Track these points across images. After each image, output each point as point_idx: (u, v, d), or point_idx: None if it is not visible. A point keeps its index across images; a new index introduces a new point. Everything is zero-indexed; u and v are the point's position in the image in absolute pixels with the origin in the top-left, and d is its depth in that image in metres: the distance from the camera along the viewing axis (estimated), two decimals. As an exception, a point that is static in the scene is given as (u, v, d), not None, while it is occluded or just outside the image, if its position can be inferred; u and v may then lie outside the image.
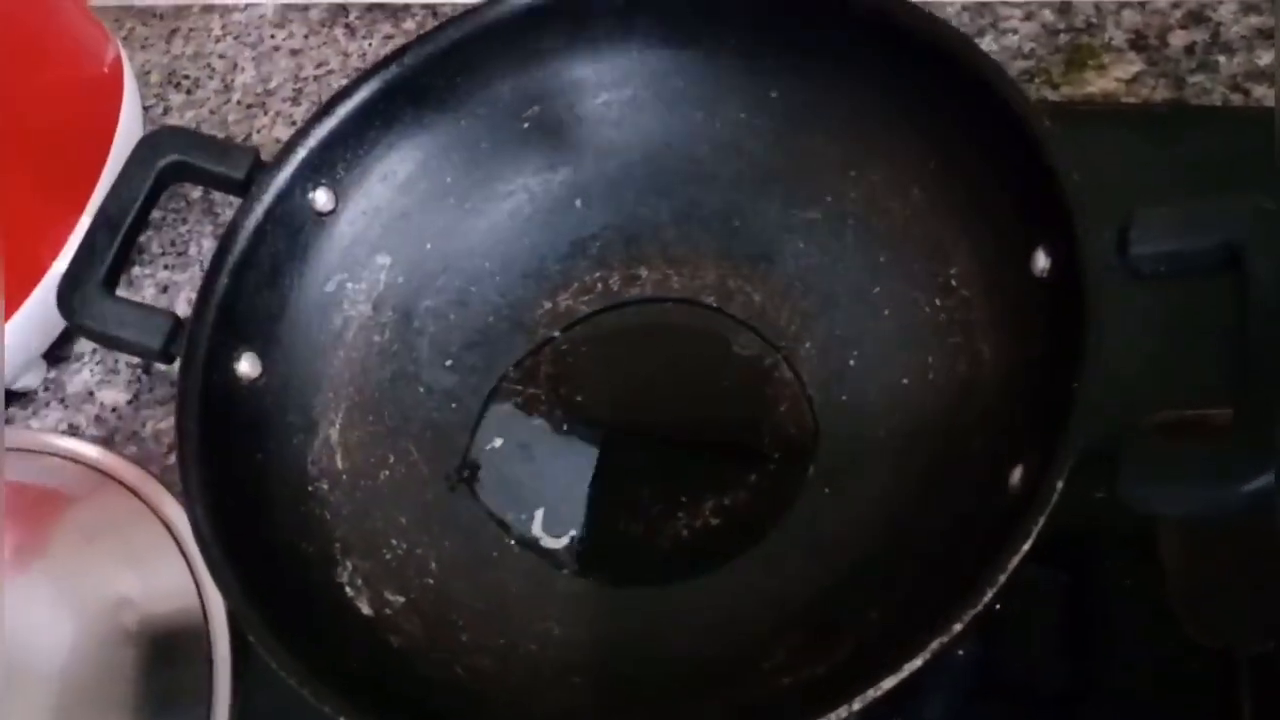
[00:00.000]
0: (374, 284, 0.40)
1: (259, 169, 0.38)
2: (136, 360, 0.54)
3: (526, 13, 0.39)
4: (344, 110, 0.39)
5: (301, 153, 0.38)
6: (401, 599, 0.34)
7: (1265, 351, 0.24)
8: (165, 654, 0.44)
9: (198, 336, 0.35)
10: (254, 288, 0.37)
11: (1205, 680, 0.34)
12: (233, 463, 0.34)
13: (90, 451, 0.51)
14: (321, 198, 0.39)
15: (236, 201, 0.56)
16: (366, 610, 0.33)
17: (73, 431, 0.53)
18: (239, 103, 0.62)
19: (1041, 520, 0.25)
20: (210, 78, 0.64)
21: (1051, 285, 0.30)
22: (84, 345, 0.55)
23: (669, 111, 0.40)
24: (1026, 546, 0.25)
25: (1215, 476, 0.24)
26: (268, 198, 0.37)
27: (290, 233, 0.38)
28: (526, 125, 0.41)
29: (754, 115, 0.39)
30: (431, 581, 0.35)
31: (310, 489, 0.36)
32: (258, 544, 0.32)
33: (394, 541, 0.36)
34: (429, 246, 0.41)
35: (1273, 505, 0.23)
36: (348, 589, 0.34)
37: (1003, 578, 0.24)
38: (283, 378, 0.37)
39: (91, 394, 0.54)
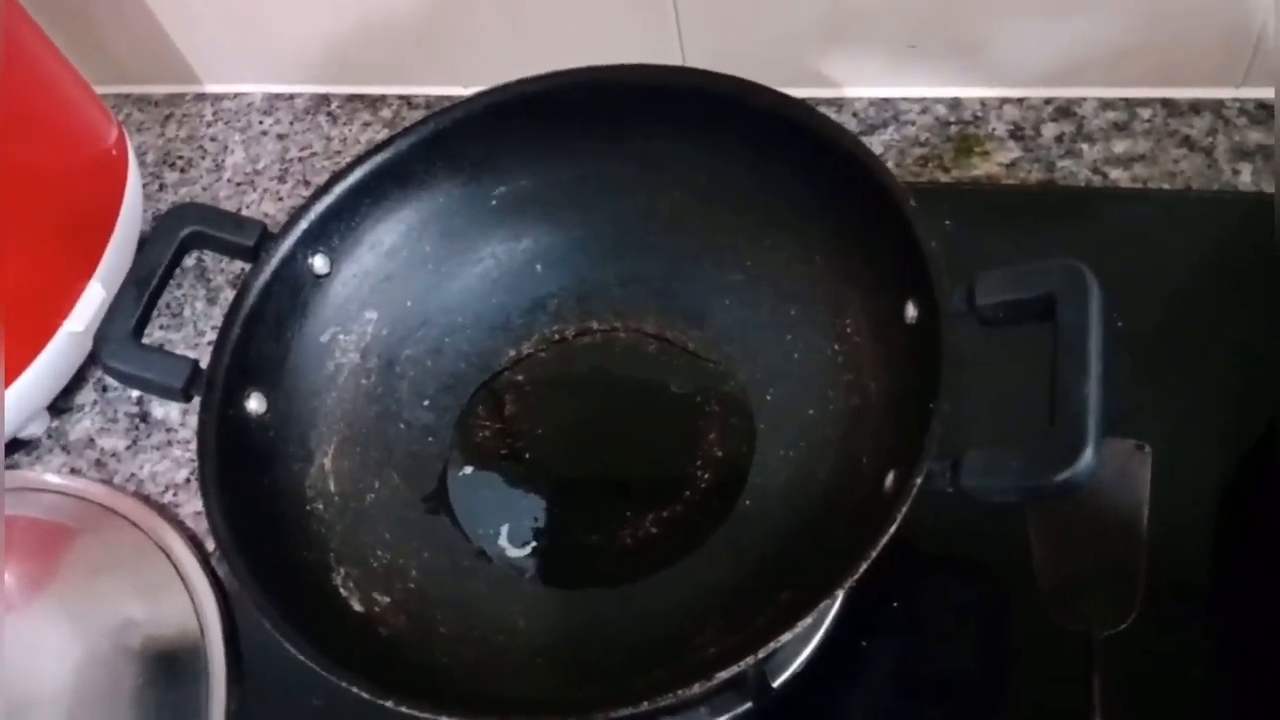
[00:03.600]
0: (362, 335, 0.47)
1: (266, 238, 0.44)
2: (134, 410, 0.59)
3: (493, 110, 0.46)
4: (340, 189, 0.46)
5: (303, 224, 0.45)
6: (388, 599, 0.40)
7: (1069, 377, 0.32)
8: (166, 671, 0.48)
9: (215, 377, 0.41)
10: (261, 338, 0.43)
11: (1066, 661, 0.41)
12: (245, 486, 0.40)
13: (95, 489, 0.56)
14: (319, 262, 0.46)
15: (225, 270, 0.63)
16: (359, 608, 0.39)
17: (75, 474, 0.58)
18: (229, 180, 0.69)
19: (904, 509, 0.32)
20: (203, 158, 0.70)
21: (919, 330, 0.37)
22: (85, 397, 0.61)
23: (617, 193, 0.47)
24: (893, 529, 0.31)
25: (1034, 469, 0.31)
26: (274, 262, 0.44)
27: (292, 291, 0.45)
28: (494, 203, 0.48)
29: (688, 196, 0.47)
30: (413, 586, 0.41)
31: (308, 508, 0.42)
32: (268, 555, 0.38)
33: (379, 552, 0.42)
34: (409, 304, 0.48)
35: (1078, 490, 0.30)
36: (342, 590, 0.40)
37: (874, 553, 0.31)
38: (284, 414, 0.43)
39: (92, 440, 0.59)
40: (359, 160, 0.46)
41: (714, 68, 0.45)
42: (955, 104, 0.60)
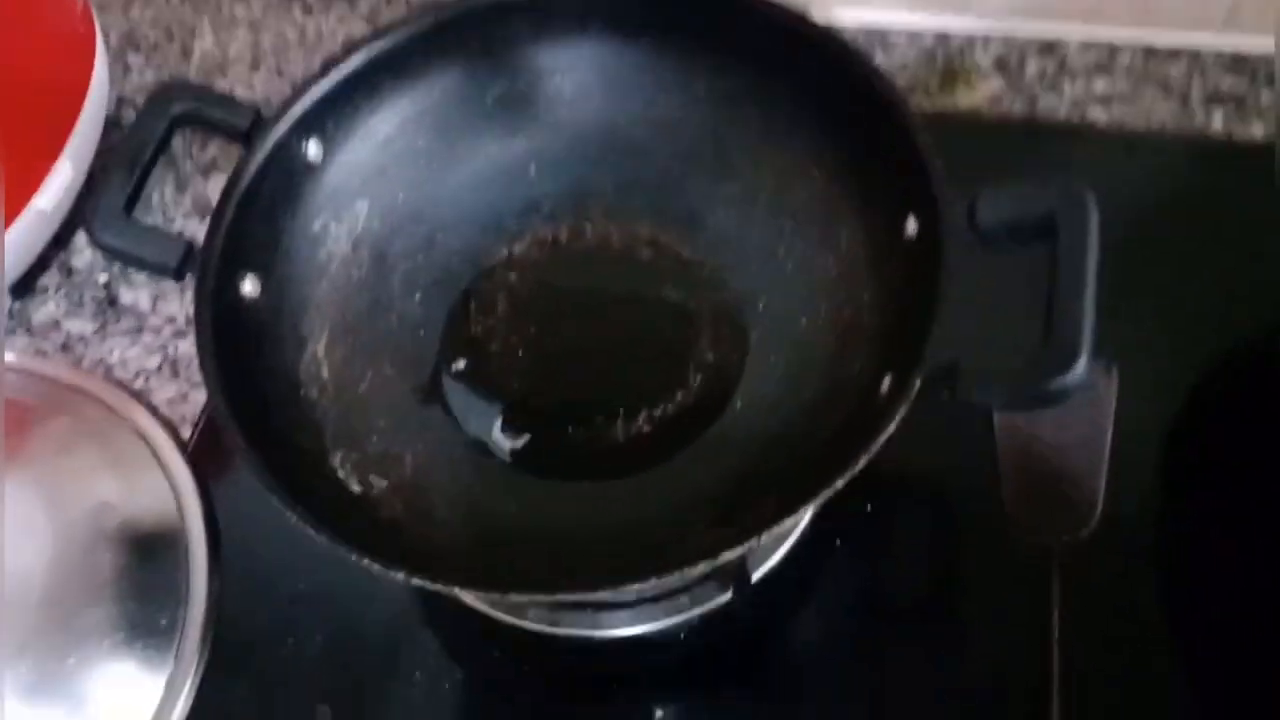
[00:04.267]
0: (354, 226, 0.46)
1: (260, 122, 0.43)
2: (101, 295, 0.58)
3: (496, 5, 0.46)
4: (335, 75, 0.45)
5: (298, 110, 0.44)
6: (385, 483, 0.40)
7: (1067, 293, 0.33)
8: (144, 553, 0.48)
9: (210, 258, 0.40)
10: (254, 222, 0.43)
11: (1028, 568, 0.43)
12: (240, 367, 0.40)
13: (59, 369, 0.54)
14: (312, 149, 0.45)
15: (196, 158, 0.62)
16: (356, 489, 0.40)
17: (39, 357, 0.57)
18: (198, 67, 0.67)
19: (903, 410, 0.33)
20: (169, 41, 0.68)
21: (918, 245, 0.38)
22: (49, 279, 0.59)
23: (615, 96, 0.47)
24: (892, 428, 0.33)
25: (1031, 376, 0.32)
26: (269, 146, 0.43)
27: (285, 177, 0.44)
28: (491, 100, 0.48)
29: (687, 104, 0.47)
30: (409, 473, 0.41)
31: (302, 394, 0.42)
32: (265, 435, 0.38)
33: (375, 439, 0.42)
34: (402, 197, 0.47)
35: (1068, 397, 0.32)
36: (339, 472, 0.40)
37: (873, 451, 0.33)
38: (277, 299, 0.43)
39: (58, 324, 0.58)
40: (355, 47, 0.45)
41: None
42: (943, 35, 0.61)
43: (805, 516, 0.35)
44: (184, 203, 0.61)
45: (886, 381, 0.36)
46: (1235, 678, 0.41)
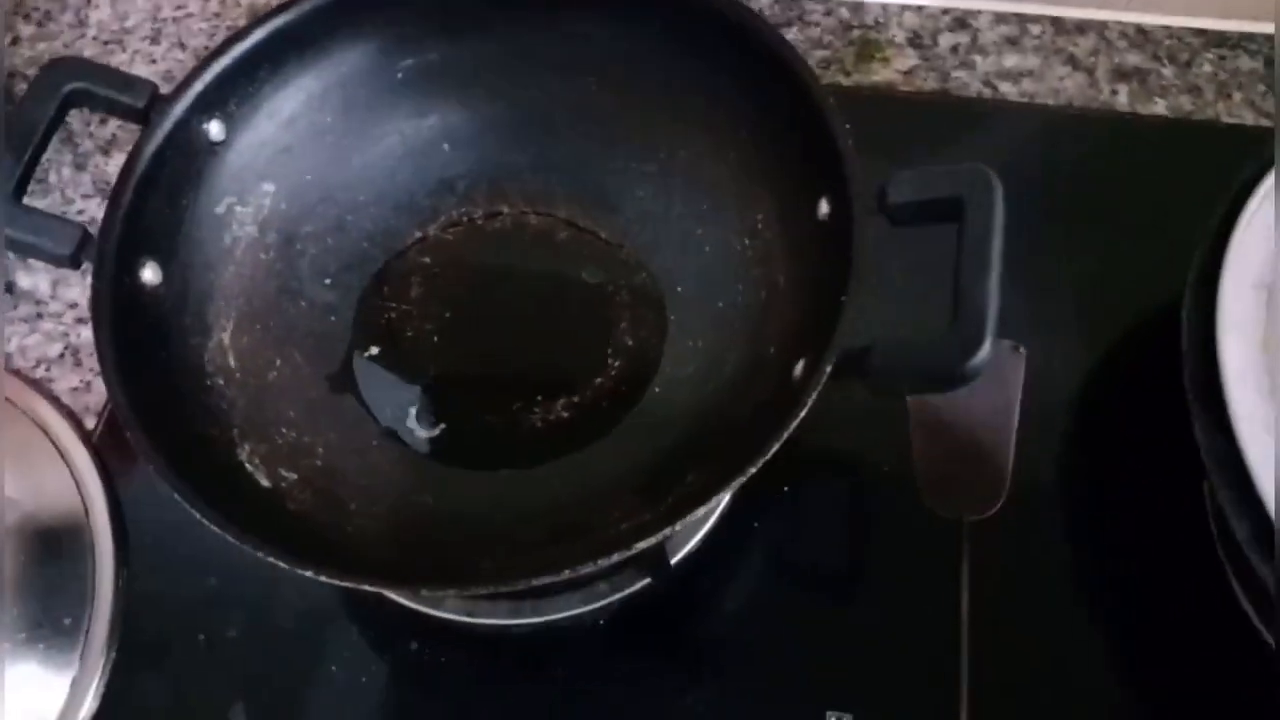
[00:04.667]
0: (260, 208, 0.45)
1: (158, 100, 0.42)
2: (-8, 280, 0.56)
3: (406, -23, 0.45)
4: (237, 51, 0.43)
5: (198, 86, 0.42)
6: (294, 475, 0.40)
7: (972, 275, 0.34)
8: (47, 550, 0.47)
9: (107, 245, 0.39)
10: (155, 205, 0.41)
11: (939, 544, 0.44)
12: (142, 359, 0.38)
13: (-47, 363, 0.52)
14: (214, 128, 0.43)
15: (95, 135, 0.59)
16: (265, 482, 0.39)
17: (-69, 347, 0.54)
18: (94, 39, 0.64)
19: (814, 394, 0.33)
20: (62, 11, 0.65)
21: (830, 226, 0.38)
22: (-62, 267, 0.57)
23: (530, 75, 0.47)
24: (803, 413, 0.33)
25: (938, 359, 0.33)
26: (168, 125, 0.41)
27: (186, 158, 0.43)
28: (400, 75, 0.47)
29: (602, 84, 0.46)
30: (319, 463, 0.41)
31: (209, 384, 0.41)
32: (169, 428, 0.37)
33: (285, 430, 0.41)
34: (309, 178, 0.46)
35: (974, 378, 0.32)
36: (247, 466, 0.39)
37: (786, 434, 0.33)
38: (180, 286, 0.41)
39: (-52, 312, 0.55)
40: (257, 22, 0.44)
41: None
42: (858, 7, 0.61)
43: (722, 501, 0.35)
44: (83, 182, 0.58)
45: (799, 367, 0.36)
46: (1138, 652, 0.43)
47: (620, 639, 0.43)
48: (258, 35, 0.43)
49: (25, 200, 0.54)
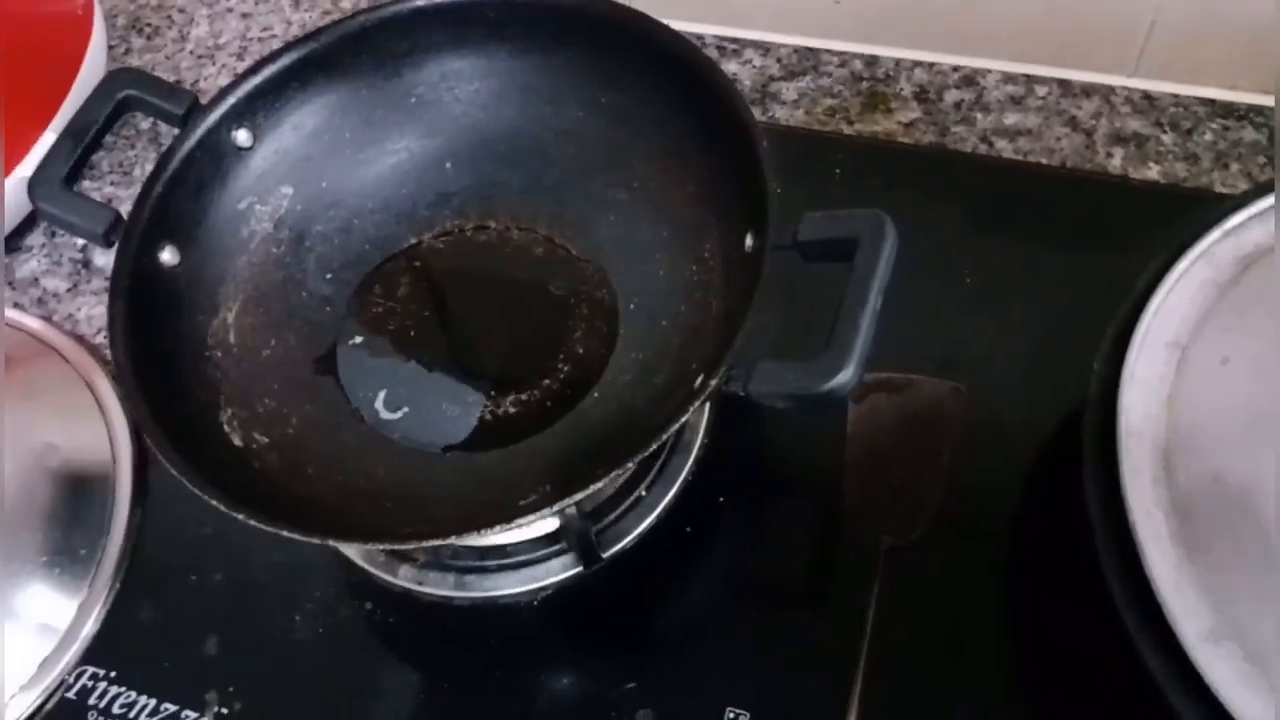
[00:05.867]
0: (277, 208, 0.51)
1: (196, 108, 0.48)
2: (78, 256, 0.64)
3: (418, 14, 0.50)
4: (268, 71, 0.49)
5: (231, 100, 0.49)
6: (266, 439, 0.45)
7: (850, 306, 0.37)
8: (78, 488, 0.54)
9: (133, 228, 0.45)
10: (181, 198, 0.48)
11: (856, 570, 0.46)
12: (151, 326, 0.45)
13: (33, 324, 0.60)
14: (242, 136, 0.50)
15: (153, 133, 0.67)
16: (238, 442, 0.44)
17: (17, 309, 0.62)
18: (191, 52, 0.72)
19: (697, 404, 0.37)
20: (169, 27, 0.74)
21: (753, 258, 0.41)
22: (34, 239, 0.65)
23: (525, 103, 0.52)
24: (682, 420, 0.37)
25: (804, 379, 0.36)
26: (200, 131, 0.48)
27: (214, 160, 0.49)
28: (413, 100, 0.52)
29: (587, 114, 0.51)
30: (291, 432, 0.46)
31: (207, 355, 0.47)
32: (163, 386, 0.43)
33: (266, 400, 0.47)
34: (324, 184, 0.52)
35: (838, 400, 0.35)
36: (225, 427, 0.45)
37: (674, 428, 0.37)
38: (196, 268, 0.48)
39: (36, 280, 0.64)
40: (289, 46, 0.50)
41: (653, 4, 0.49)
42: (872, 61, 0.64)
43: (607, 483, 0.38)
44: (134, 174, 0.66)
45: (699, 380, 0.40)
46: (1028, 698, 0.44)
47: (551, 618, 0.47)
48: (287, 59, 0.50)
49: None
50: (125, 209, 0.49)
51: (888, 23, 0.63)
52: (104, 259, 0.64)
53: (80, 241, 0.64)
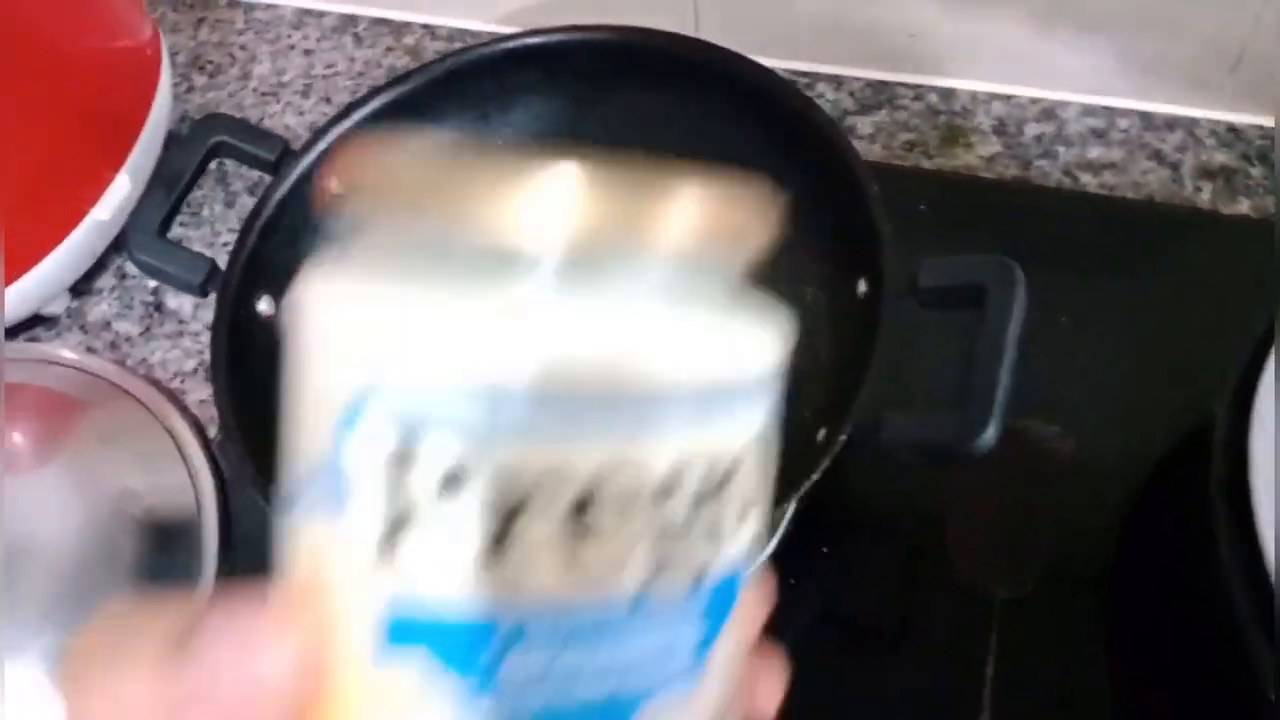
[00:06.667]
0: (368, 254, 0.51)
1: (288, 154, 0.48)
2: (150, 299, 0.64)
3: (507, 56, 0.50)
4: (358, 115, 0.49)
5: (321, 145, 0.48)
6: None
7: (986, 359, 0.36)
8: (162, 540, 0.53)
9: (230, 279, 0.45)
10: (276, 246, 0.47)
11: (969, 620, 0.45)
12: (249, 379, 0.44)
13: (107, 367, 0.60)
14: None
15: (245, 177, 0.66)
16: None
17: (90, 353, 0.62)
18: (255, 90, 0.72)
19: (829, 459, 0.36)
20: (231, 65, 0.74)
21: (866, 304, 0.41)
22: (105, 282, 0.65)
23: (618, 147, 0.51)
24: (818, 475, 0.36)
25: (943, 434, 0.35)
26: (293, 178, 0.47)
27: (307, 206, 0.49)
28: (501, 142, 0.52)
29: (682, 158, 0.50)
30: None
31: (304, 405, 0.46)
32: (265, 438, 0.42)
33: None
34: (416, 230, 0.51)
35: (975, 458, 0.35)
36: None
37: (802, 492, 0.36)
38: (291, 318, 0.47)
39: (109, 323, 0.63)
40: (378, 90, 0.50)
41: (723, 37, 0.48)
42: (948, 94, 0.63)
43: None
44: (230, 218, 0.66)
45: (821, 433, 0.39)
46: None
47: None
48: (376, 103, 0.49)
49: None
50: (195, 249, 0.48)
51: (961, 55, 0.62)
52: (176, 302, 0.63)
53: (151, 284, 0.64)
